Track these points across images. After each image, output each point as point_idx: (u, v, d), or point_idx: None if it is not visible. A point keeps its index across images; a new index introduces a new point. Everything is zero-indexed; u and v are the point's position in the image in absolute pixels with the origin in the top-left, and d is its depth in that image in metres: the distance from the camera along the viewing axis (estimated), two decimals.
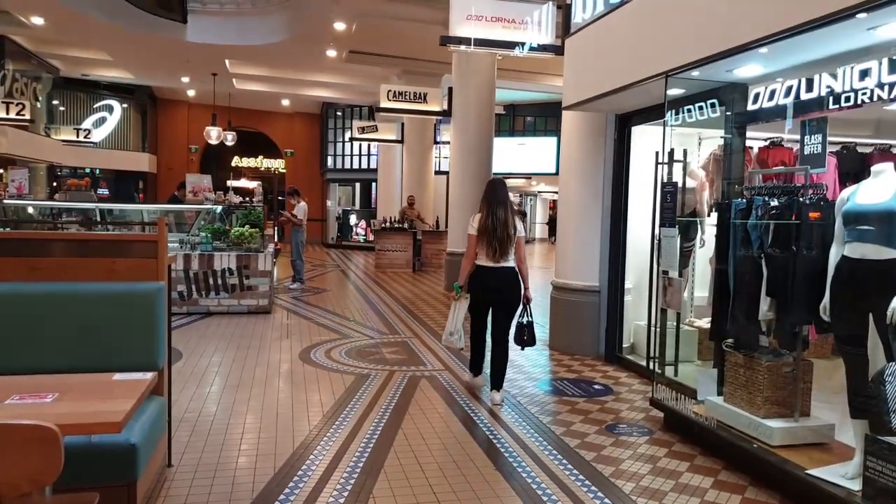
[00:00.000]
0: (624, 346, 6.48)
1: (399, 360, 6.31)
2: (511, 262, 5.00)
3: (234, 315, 8.49)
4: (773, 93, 3.84)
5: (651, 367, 5.05)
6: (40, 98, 19.25)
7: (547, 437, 4.26)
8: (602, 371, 6.12)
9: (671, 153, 4.73)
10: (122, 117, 23.55)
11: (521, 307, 5.12)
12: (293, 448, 3.91)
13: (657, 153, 4.85)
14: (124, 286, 3.20)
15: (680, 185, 4.78)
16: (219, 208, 9.96)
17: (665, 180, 4.70)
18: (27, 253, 3.28)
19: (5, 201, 8.81)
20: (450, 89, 12.32)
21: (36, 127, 18.75)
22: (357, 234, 22.93)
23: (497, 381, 5.08)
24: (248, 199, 12.78)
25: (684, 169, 4.94)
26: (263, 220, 9.91)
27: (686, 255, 5.76)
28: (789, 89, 3.70)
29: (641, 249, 6.12)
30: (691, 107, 4.47)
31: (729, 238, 3.91)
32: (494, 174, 12.84)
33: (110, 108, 23.22)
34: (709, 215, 5.43)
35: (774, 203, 3.50)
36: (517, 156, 20.54)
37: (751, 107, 4.07)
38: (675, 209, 4.47)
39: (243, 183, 20.63)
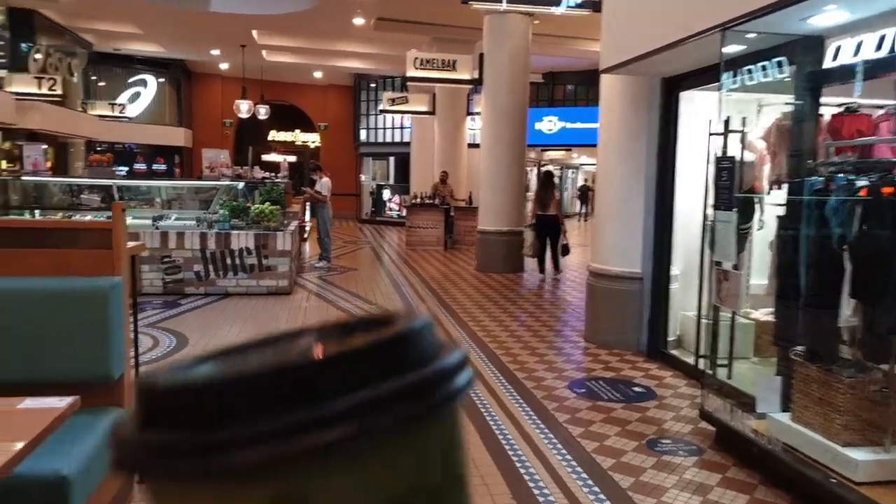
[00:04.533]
0: (669, 339, 5.82)
1: None
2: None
3: (253, 296, 8.09)
4: (859, 46, 3.12)
5: (699, 365, 4.42)
6: (76, 73, 19.12)
7: (576, 455, 3.69)
8: (643, 369, 5.50)
9: (726, 122, 4.04)
10: (156, 92, 23.40)
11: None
12: None
13: (710, 122, 4.16)
14: (70, 282, 2.71)
15: (737, 160, 4.08)
16: (240, 184, 9.53)
17: (719, 154, 4.02)
18: None
19: (23, 178, 8.52)
20: (481, 56, 11.58)
21: (72, 102, 18.66)
22: (391, 210, 22.47)
23: (555, 266, 9.86)
24: (274, 174, 12.38)
25: (742, 141, 4.24)
26: (284, 197, 9.46)
27: (742, 238, 5.08)
28: (881, 41, 2.98)
29: (690, 231, 5.44)
30: (752, 67, 3.76)
31: (799, 224, 3.24)
32: (530, 146, 12.14)
33: (144, 83, 23.08)
34: (769, 193, 4.71)
35: (863, 182, 2.81)
36: (556, 127, 19.69)
37: (829, 64, 3.36)
38: (731, 189, 3.79)
39: (273, 157, 20.28)
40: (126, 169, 19.62)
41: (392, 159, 24.31)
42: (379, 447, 0.18)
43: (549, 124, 20.05)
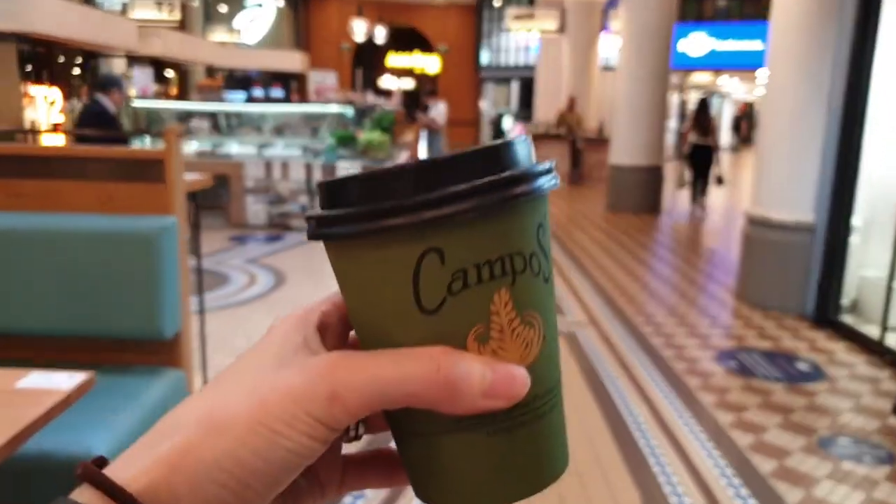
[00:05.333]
0: (842, 303, 4.60)
1: None
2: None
3: None
4: None
5: (885, 342, 3.28)
6: None
7: (726, 452, 2.80)
8: (808, 339, 4.33)
9: None
10: (273, 16, 23.12)
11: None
12: None
13: None
14: (114, 221, 2.12)
15: None
16: (349, 111, 8.78)
17: None
18: (7, 174, 2.20)
19: (133, 104, 8.20)
20: None
21: (192, 28, 18.70)
22: None
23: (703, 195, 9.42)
24: (387, 99, 11.58)
25: None
26: (394, 125, 8.64)
27: None
28: None
29: (882, 174, 4.17)
30: None
31: None
32: (684, 69, 10.50)
33: (261, 7, 22.82)
34: None
35: None
36: (703, 47, 17.44)
37: None
38: None
39: (389, 82, 19.47)
40: (244, 95, 19.59)
41: (515, 84, 22.85)
42: (487, 219, 0.26)
43: (696, 44, 17.78)
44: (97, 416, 1.80)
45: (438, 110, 10.02)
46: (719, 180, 9.55)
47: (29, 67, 10.96)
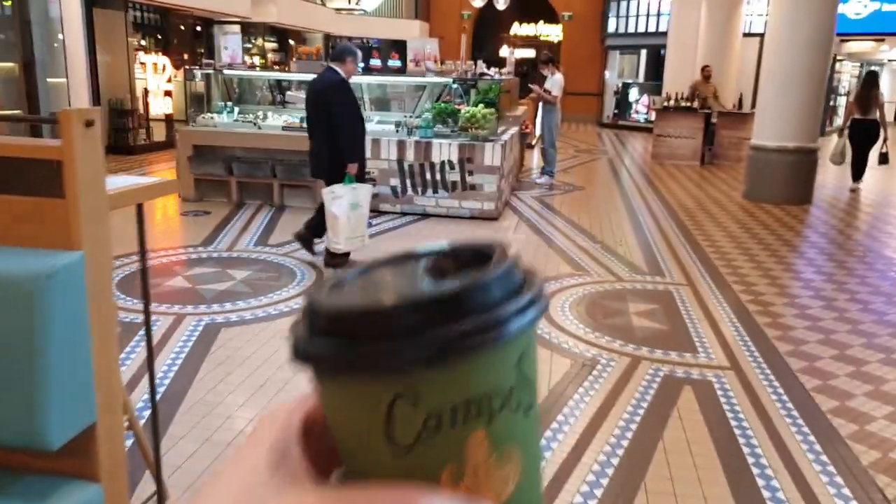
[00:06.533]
0: None
1: (653, 335, 3.93)
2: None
3: (454, 219, 6.73)
4: None
5: None
6: None
7: None
8: None
9: None
10: None
11: None
12: None
13: None
14: None
15: None
16: (453, 83, 8.00)
17: None
18: None
19: (225, 72, 7.79)
20: None
21: None
22: (637, 113, 19.64)
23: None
24: (498, 70, 10.69)
25: None
26: (502, 98, 7.79)
27: None
28: None
29: None
30: None
31: None
32: (838, 35, 8.85)
33: None
34: None
35: None
36: (866, 9, 15.07)
37: None
38: None
39: (508, 53, 18.39)
40: (362, 65, 19.27)
41: (643, 52, 21.05)
42: (463, 361, 0.26)
43: (857, 6, 15.42)
44: None
45: (555, 81, 9.01)
46: (883, 158, 8.98)
47: (141, 35, 10.98)
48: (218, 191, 7.03)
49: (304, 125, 7.33)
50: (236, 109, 7.52)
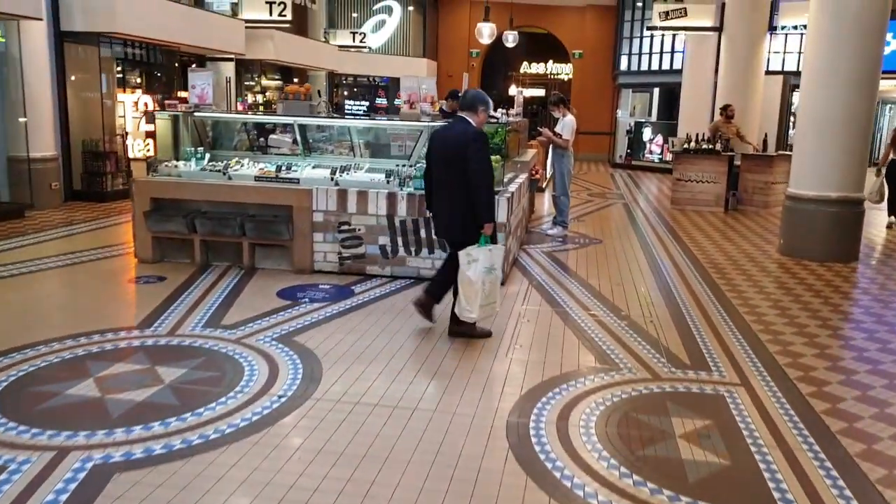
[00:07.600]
0: None
1: (711, 476, 2.91)
2: None
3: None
4: None
5: None
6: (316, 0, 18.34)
7: None
8: None
9: None
10: (401, 20, 22.10)
11: None
12: None
13: None
14: None
15: None
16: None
17: None
18: None
19: (196, 114, 6.84)
20: None
21: (314, 31, 17.98)
22: (651, 153, 18.81)
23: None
24: (506, 110, 9.86)
25: None
26: (507, 145, 6.93)
27: None
28: None
29: None
30: None
31: None
32: (886, 73, 7.96)
33: (389, 10, 21.88)
34: None
35: None
36: None
37: None
38: None
39: (515, 91, 17.66)
40: (366, 104, 18.58)
41: (656, 91, 20.31)
42: None
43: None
44: None
45: (566, 124, 8.18)
46: None
47: (121, 72, 10.24)
48: (180, 251, 6.13)
49: (277, 174, 6.36)
50: (207, 156, 6.68)
